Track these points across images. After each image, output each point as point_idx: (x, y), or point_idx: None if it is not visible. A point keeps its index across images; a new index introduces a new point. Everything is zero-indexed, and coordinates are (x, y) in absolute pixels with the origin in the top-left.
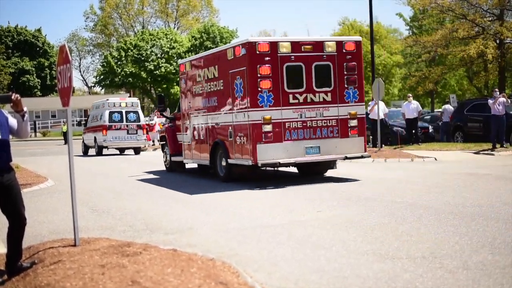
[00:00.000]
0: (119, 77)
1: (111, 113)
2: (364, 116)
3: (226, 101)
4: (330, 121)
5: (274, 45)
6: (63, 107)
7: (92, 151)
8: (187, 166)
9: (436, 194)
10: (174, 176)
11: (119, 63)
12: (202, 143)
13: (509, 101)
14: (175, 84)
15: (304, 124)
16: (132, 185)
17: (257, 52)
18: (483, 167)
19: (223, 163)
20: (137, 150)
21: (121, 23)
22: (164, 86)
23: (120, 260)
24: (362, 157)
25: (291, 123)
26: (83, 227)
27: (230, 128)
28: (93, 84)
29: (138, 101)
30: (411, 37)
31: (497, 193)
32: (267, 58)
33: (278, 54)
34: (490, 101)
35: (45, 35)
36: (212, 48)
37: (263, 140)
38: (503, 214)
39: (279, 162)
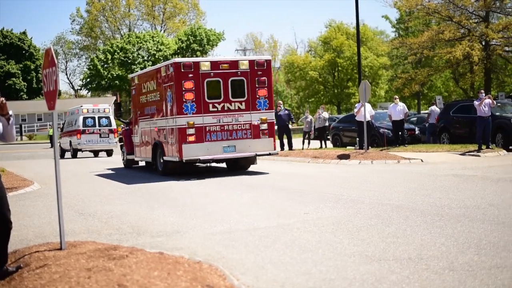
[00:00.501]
0: (106, 80)
1: (84, 119)
2: (273, 120)
3: (161, 109)
4: (244, 125)
5: (196, 64)
6: (49, 111)
7: (68, 155)
8: (140, 163)
9: (422, 196)
10: (128, 171)
11: (105, 66)
12: (147, 144)
13: (495, 103)
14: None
15: (222, 128)
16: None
17: (182, 70)
18: (469, 169)
19: (161, 160)
20: (109, 152)
21: (107, 26)
22: None
23: (107, 263)
24: (270, 154)
25: (210, 127)
26: (69, 230)
27: (164, 131)
28: (79, 87)
29: (110, 107)
30: (397, 39)
31: (483, 194)
32: (191, 75)
33: (200, 72)
34: (476, 103)
35: (31, 38)
36: (199, 50)
37: (187, 141)
38: (489, 215)
39: (200, 159)
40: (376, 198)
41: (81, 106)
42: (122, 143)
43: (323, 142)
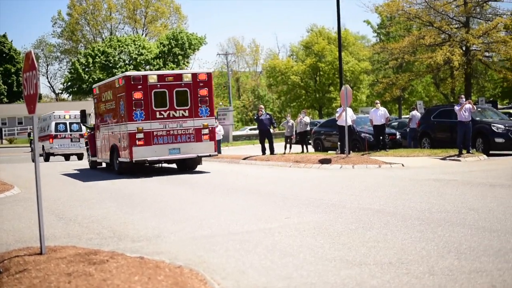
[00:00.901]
0: (87, 83)
1: (56, 124)
2: (214, 126)
3: (116, 116)
4: (188, 130)
5: (145, 77)
6: (29, 114)
7: (40, 159)
8: (103, 164)
9: (403, 200)
10: (92, 171)
11: (86, 69)
12: (106, 147)
13: (475, 108)
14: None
15: (167, 133)
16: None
17: (132, 83)
18: (450, 173)
19: (117, 161)
20: (80, 156)
21: (89, 29)
22: None
23: (87, 268)
24: (210, 155)
25: (157, 132)
26: (50, 235)
27: (119, 135)
28: (60, 91)
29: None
30: (378, 44)
31: (463, 199)
32: (140, 87)
33: (148, 84)
34: (456, 108)
35: (11, 41)
36: (181, 54)
37: (137, 144)
38: (469, 219)
39: (147, 159)
40: (357, 203)
41: (53, 113)
42: (87, 147)
43: (304, 146)
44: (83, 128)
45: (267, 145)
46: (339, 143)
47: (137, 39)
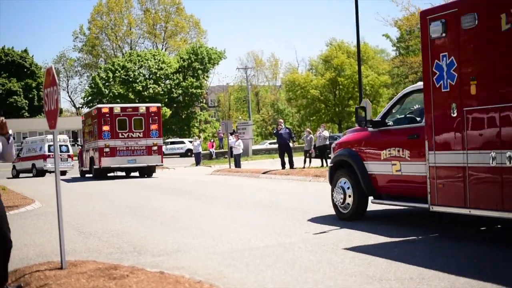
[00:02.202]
0: (107, 98)
1: (49, 146)
2: (162, 144)
3: (93, 136)
4: (142, 146)
5: (111, 109)
6: (50, 129)
7: (23, 175)
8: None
9: (421, 216)
10: (81, 178)
11: (107, 84)
12: (87, 158)
13: None
14: (162, 105)
15: (127, 148)
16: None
17: (102, 112)
18: None
19: (93, 168)
20: (63, 172)
21: (109, 44)
22: None
23: (107, 283)
24: (156, 165)
25: (120, 147)
26: (70, 249)
27: (94, 150)
28: (80, 105)
29: (67, 137)
30: (398, 57)
31: None
32: (107, 115)
33: (114, 113)
34: None
35: (32, 56)
36: (201, 69)
37: (104, 155)
38: (489, 235)
39: (111, 167)
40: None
41: (46, 137)
42: (78, 160)
43: (324, 160)
44: (70, 149)
45: (286, 159)
46: None
47: (157, 54)
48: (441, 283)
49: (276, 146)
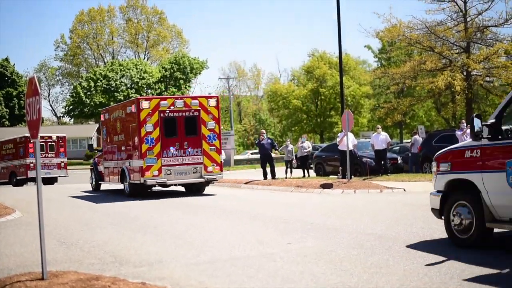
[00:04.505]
0: (88, 107)
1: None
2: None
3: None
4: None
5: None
6: (32, 139)
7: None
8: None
9: (405, 226)
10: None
11: (88, 93)
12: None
13: None
14: None
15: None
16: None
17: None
18: None
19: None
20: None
21: (90, 53)
22: None
23: None
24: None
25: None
26: (51, 259)
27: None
28: (62, 114)
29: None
30: (379, 68)
31: None
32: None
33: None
34: (458, 133)
35: (14, 64)
36: (182, 78)
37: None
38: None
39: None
40: (359, 228)
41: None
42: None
43: (306, 171)
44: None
45: (268, 170)
46: (340, 167)
47: (138, 63)
48: None
49: (258, 156)
